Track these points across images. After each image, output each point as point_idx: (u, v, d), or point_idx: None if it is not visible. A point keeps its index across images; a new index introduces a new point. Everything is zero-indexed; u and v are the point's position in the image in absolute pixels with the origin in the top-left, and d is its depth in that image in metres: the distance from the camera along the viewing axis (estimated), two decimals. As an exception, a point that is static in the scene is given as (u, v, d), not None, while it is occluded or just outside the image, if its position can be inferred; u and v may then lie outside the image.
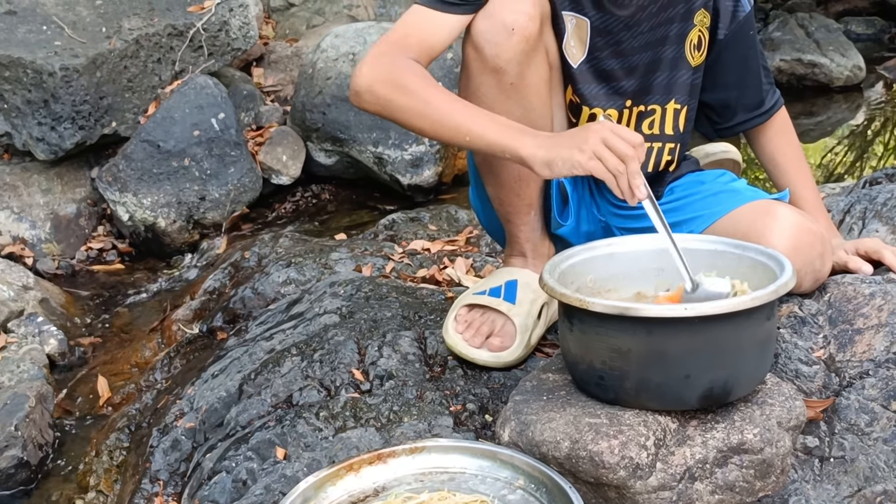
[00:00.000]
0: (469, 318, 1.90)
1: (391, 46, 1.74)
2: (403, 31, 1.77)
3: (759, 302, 1.45)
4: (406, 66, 1.70)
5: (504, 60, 1.73)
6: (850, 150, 5.17)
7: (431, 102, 1.67)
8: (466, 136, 1.65)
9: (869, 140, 5.34)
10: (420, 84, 1.69)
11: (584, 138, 1.55)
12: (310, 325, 2.13)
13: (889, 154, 5.09)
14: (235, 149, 3.77)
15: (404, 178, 3.90)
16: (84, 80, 3.61)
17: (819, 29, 6.09)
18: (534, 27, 1.74)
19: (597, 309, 1.45)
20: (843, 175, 4.71)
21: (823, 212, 2.06)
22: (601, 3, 1.82)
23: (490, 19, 1.73)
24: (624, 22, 1.84)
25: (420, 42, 1.74)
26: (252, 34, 4.16)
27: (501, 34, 1.72)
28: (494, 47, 1.73)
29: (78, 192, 3.81)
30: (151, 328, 2.96)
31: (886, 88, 6.24)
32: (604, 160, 1.54)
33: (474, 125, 1.65)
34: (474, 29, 1.74)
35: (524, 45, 1.73)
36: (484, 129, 1.64)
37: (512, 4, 1.73)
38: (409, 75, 1.69)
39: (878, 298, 1.78)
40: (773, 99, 2.02)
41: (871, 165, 4.89)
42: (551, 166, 1.57)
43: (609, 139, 1.54)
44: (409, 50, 1.72)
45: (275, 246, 2.97)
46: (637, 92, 1.91)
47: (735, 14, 1.91)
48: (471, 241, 2.93)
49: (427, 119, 1.68)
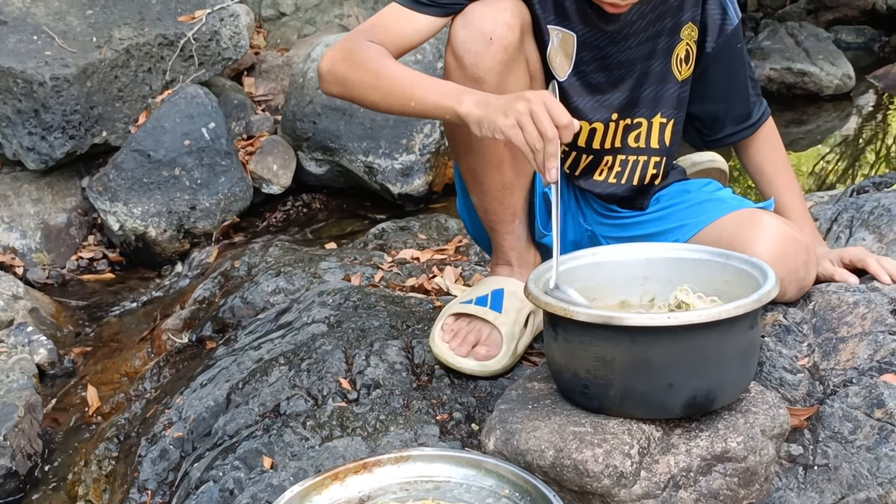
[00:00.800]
0: (456, 328, 1.91)
1: (358, 33, 1.78)
2: (374, 22, 1.81)
3: (742, 311, 1.45)
4: (364, 45, 1.74)
5: (483, 69, 1.74)
6: (839, 159, 5.20)
7: (382, 74, 1.70)
8: (411, 101, 1.67)
9: (858, 148, 5.37)
10: (373, 59, 1.71)
11: (512, 105, 1.53)
12: (298, 334, 2.14)
13: (879, 162, 5.12)
14: (226, 158, 3.77)
15: (394, 188, 3.91)
16: (74, 90, 3.62)
17: (809, 38, 6.12)
18: (513, 36, 1.75)
19: (581, 318, 1.45)
20: (834, 183, 4.73)
21: (809, 221, 2.07)
22: (588, 17, 1.83)
23: (469, 28, 1.74)
24: (611, 37, 1.85)
25: (386, 32, 1.77)
26: (243, 44, 4.17)
27: (480, 43, 1.73)
28: (474, 56, 1.74)
29: (68, 202, 3.82)
30: (141, 337, 2.97)
31: (876, 97, 6.27)
32: (525, 131, 1.52)
33: (418, 90, 1.66)
34: (454, 38, 1.76)
35: (503, 54, 1.74)
36: (426, 92, 1.65)
37: (491, 14, 1.74)
38: (364, 52, 1.72)
39: (861, 307, 1.79)
40: (760, 110, 2.03)
41: (862, 173, 4.92)
42: (481, 125, 1.57)
43: (537, 112, 1.51)
44: (373, 36, 1.76)
45: (265, 255, 2.98)
46: (624, 105, 1.92)
47: (723, 27, 1.92)
48: (460, 250, 2.94)
49: (378, 91, 1.71)
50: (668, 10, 1.86)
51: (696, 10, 1.89)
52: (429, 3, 1.77)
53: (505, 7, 1.76)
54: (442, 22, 1.80)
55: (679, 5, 1.87)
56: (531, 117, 1.52)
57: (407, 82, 1.68)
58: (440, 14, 1.78)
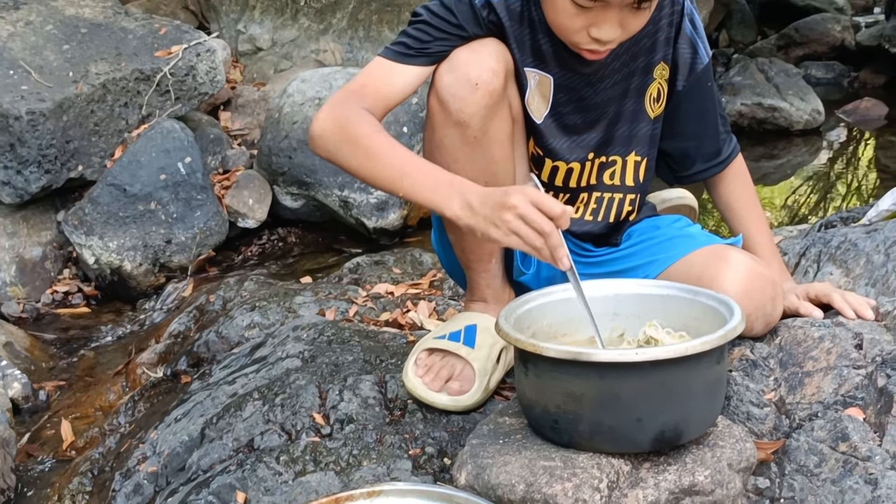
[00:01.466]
0: (429, 363, 1.93)
1: (349, 95, 1.78)
2: (362, 80, 1.81)
3: (709, 346, 1.48)
4: (357, 116, 1.74)
5: (467, 115, 1.77)
6: (810, 193, 5.26)
7: (373, 154, 1.70)
8: (400, 190, 1.68)
9: (828, 183, 5.43)
10: (365, 135, 1.72)
11: (500, 216, 1.53)
12: (272, 369, 2.15)
13: (851, 196, 5.18)
14: (202, 192, 3.79)
15: (370, 222, 3.93)
16: (50, 125, 3.63)
17: (779, 74, 6.21)
18: (498, 82, 1.77)
19: (550, 354, 1.48)
20: (807, 216, 4.79)
21: (777, 256, 2.11)
22: (565, 61, 1.86)
23: (454, 73, 1.77)
24: (587, 79, 1.88)
25: (376, 92, 1.78)
26: (219, 79, 4.19)
27: (465, 89, 1.76)
28: (458, 101, 1.76)
29: (44, 236, 3.82)
30: (116, 371, 2.97)
31: (846, 132, 6.35)
32: (522, 236, 1.53)
33: (407, 180, 1.66)
34: (439, 83, 1.78)
35: (488, 99, 1.77)
36: (415, 185, 1.65)
37: (476, 60, 1.77)
38: (357, 126, 1.72)
39: (826, 342, 1.82)
40: (729, 148, 2.07)
41: (835, 205, 4.98)
42: (474, 233, 1.58)
43: (527, 215, 1.51)
44: (364, 100, 1.76)
45: (240, 289, 2.99)
46: (599, 144, 1.95)
47: (693, 66, 1.96)
48: (434, 285, 2.96)
49: (367, 170, 1.71)
50: (640, 51, 1.90)
51: (667, 50, 1.93)
52: (416, 54, 1.79)
53: (489, 53, 1.79)
54: (430, 70, 1.82)
55: (652, 45, 1.91)
56: (523, 221, 1.52)
57: (397, 169, 1.68)
58: (428, 63, 1.80)
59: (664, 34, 1.91)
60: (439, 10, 1.80)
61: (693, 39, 1.94)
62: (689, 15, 1.93)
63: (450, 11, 1.79)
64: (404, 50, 1.81)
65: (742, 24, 8.36)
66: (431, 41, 1.79)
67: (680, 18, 1.92)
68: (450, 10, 1.79)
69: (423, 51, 1.79)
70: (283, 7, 5.18)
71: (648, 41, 1.90)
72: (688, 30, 1.93)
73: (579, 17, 1.70)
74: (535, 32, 1.85)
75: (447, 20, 1.79)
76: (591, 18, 1.70)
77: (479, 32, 1.81)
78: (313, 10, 5.18)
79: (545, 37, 1.85)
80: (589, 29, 1.71)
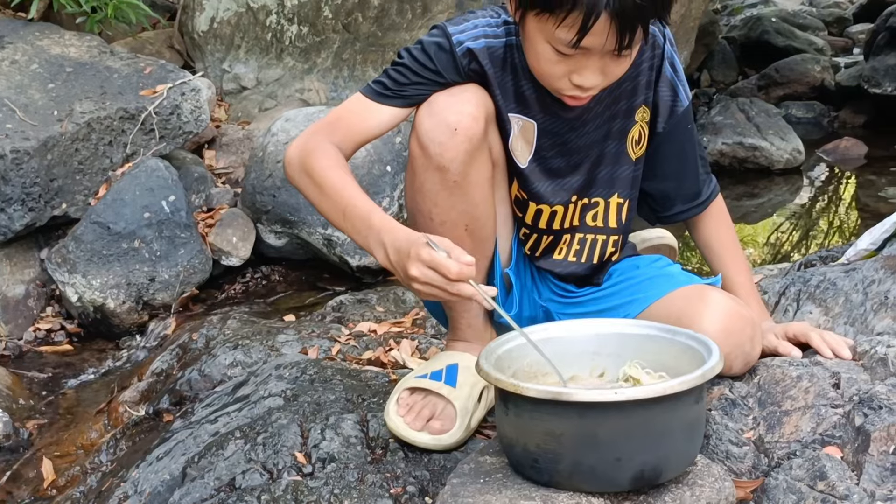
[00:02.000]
0: (410, 401, 1.94)
1: (322, 128, 1.83)
2: (338, 114, 1.85)
3: (687, 386, 1.50)
4: (319, 149, 1.78)
5: (447, 159, 1.79)
6: (791, 232, 5.30)
7: (323, 190, 1.75)
8: (344, 231, 1.73)
9: (809, 221, 5.48)
10: (321, 168, 1.76)
11: (409, 284, 1.59)
12: (254, 407, 2.16)
13: (832, 234, 5.22)
14: (185, 230, 3.80)
15: (353, 260, 3.94)
16: (35, 163, 3.64)
17: (759, 114, 6.26)
18: (477, 127, 1.80)
19: (530, 393, 1.49)
20: (790, 253, 4.82)
21: (756, 296, 2.13)
22: (548, 106, 1.89)
23: (434, 118, 1.79)
24: (570, 124, 1.91)
25: (349, 127, 1.82)
26: (204, 118, 4.21)
27: (445, 133, 1.78)
28: (438, 146, 1.79)
29: (27, 273, 3.82)
30: (98, 410, 2.96)
31: (826, 171, 6.41)
32: (437, 297, 1.59)
33: (347, 224, 1.71)
34: (419, 127, 1.81)
35: (467, 144, 1.79)
36: (352, 231, 1.70)
37: (456, 105, 1.80)
38: (316, 159, 1.77)
39: (804, 381, 1.84)
40: (709, 189, 2.10)
41: (817, 242, 5.01)
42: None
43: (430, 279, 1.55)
44: (335, 134, 1.80)
45: (223, 328, 3.00)
46: (582, 186, 1.98)
47: (673, 109, 1.99)
48: (417, 323, 2.97)
49: (319, 205, 1.77)
50: (622, 94, 1.93)
51: (648, 93, 1.96)
52: (392, 95, 1.83)
53: (469, 98, 1.81)
54: (405, 112, 1.85)
55: (633, 89, 1.94)
56: (430, 283, 1.56)
57: (340, 210, 1.72)
58: (404, 105, 1.83)
59: (645, 77, 1.94)
60: (419, 55, 1.83)
61: (673, 82, 1.97)
62: (670, 58, 1.96)
63: (429, 57, 1.82)
64: (382, 90, 1.84)
65: (723, 65, 8.45)
66: (408, 84, 1.82)
67: (660, 62, 1.95)
68: (429, 56, 1.82)
69: (400, 93, 1.82)
70: (268, 47, 5.22)
71: (630, 84, 1.93)
72: (668, 73, 1.96)
73: (561, 63, 1.73)
74: (518, 78, 1.88)
75: (425, 65, 1.82)
76: (573, 65, 1.72)
77: (458, 80, 1.84)
78: (298, 49, 5.22)
79: (528, 83, 1.87)
80: (571, 76, 1.74)
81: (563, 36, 1.66)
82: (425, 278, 1.55)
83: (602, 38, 1.65)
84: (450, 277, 1.54)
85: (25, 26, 4.29)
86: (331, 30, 5.20)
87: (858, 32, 9.98)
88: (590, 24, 1.62)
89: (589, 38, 1.65)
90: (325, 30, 5.20)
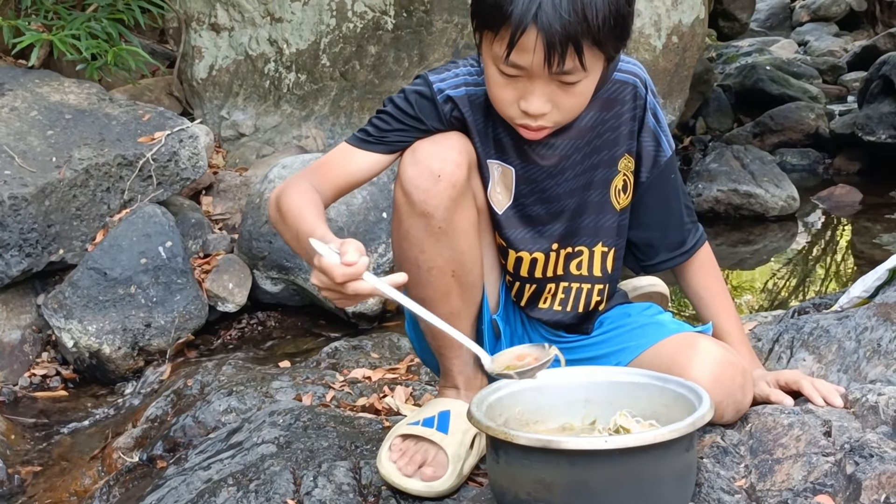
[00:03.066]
0: (403, 448, 1.94)
1: (304, 173, 1.89)
2: (324, 160, 1.91)
3: (678, 434, 1.51)
4: (295, 189, 1.81)
5: (432, 206, 1.81)
6: (786, 279, 5.31)
7: (286, 220, 1.78)
8: (302, 257, 1.76)
9: (805, 268, 5.49)
10: (288, 201, 1.78)
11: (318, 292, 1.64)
12: (248, 454, 2.16)
13: (828, 281, 5.24)
14: (182, 276, 3.81)
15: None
16: (32, 209, 3.66)
17: (754, 161, 6.29)
18: (461, 174, 1.82)
19: (521, 441, 1.50)
20: (786, 301, 4.83)
21: (746, 344, 2.14)
22: (525, 153, 1.92)
23: (418, 166, 1.82)
24: (548, 171, 1.94)
25: (330, 172, 1.86)
26: (201, 164, 4.24)
27: (429, 181, 1.81)
28: (422, 193, 1.81)
29: (23, 319, 3.82)
30: (92, 456, 2.95)
31: (821, 218, 6.43)
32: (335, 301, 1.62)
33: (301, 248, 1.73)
34: (403, 175, 1.83)
35: (451, 191, 1.82)
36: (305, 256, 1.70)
37: (439, 152, 1.82)
38: (292, 198, 1.79)
39: (796, 429, 1.84)
40: (695, 237, 2.11)
41: (814, 289, 5.02)
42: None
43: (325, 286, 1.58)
44: (315, 177, 1.84)
45: (217, 374, 3.00)
46: (564, 235, 2.00)
47: (657, 159, 2.01)
48: (411, 370, 2.98)
49: (284, 236, 1.81)
50: (603, 144, 1.95)
51: (631, 143, 1.99)
52: (374, 141, 1.86)
53: (453, 145, 1.84)
54: (389, 159, 1.88)
55: (615, 139, 1.96)
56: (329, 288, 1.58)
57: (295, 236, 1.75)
58: (385, 151, 1.87)
59: (627, 128, 1.97)
60: (401, 103, 1.88)
61: (656, 133, 2.00)
62: (652, 109, 1.98)
63: (410, 105, 1.87)
64: (365, 136, 1.89)
65: (718, 112, 8.50)
66: (390, 131, 1.86)
67: (643, 112, 1.98)
68: (410, 104, 1.87)
69: (382, 139, 1.86)
70: (266, 94, 5.26)
71: (612, 135, 1.95)
72: (651, 123, 1.98)
73: (508, 87, 1.75)
74: (496, 125, 1.91)
75: (407, 112, 1.86)
76: (520, 90, 1.75)
77: (439, 127, 1.87)
78: (296, 97, 5.26)
79: (505, 129, 1.90)
80: (519, 102, 1.76)
81: (497, 51, 1.71)
82: (323, 285, 1.58)
83: (530, 54, 1.67)
84: (337, 281, 1.55)
85: (25, 74, 4.33)
86: (328, 77, 5.25)
87: (852, 80, 10.04)
88: (517, 37, 1.65)
89: (518, 52, 1.67)
90: (323, 77, 5.25)
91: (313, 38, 5.21)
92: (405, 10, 5.21)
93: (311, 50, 5.22)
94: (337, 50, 5.21)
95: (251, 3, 5.18)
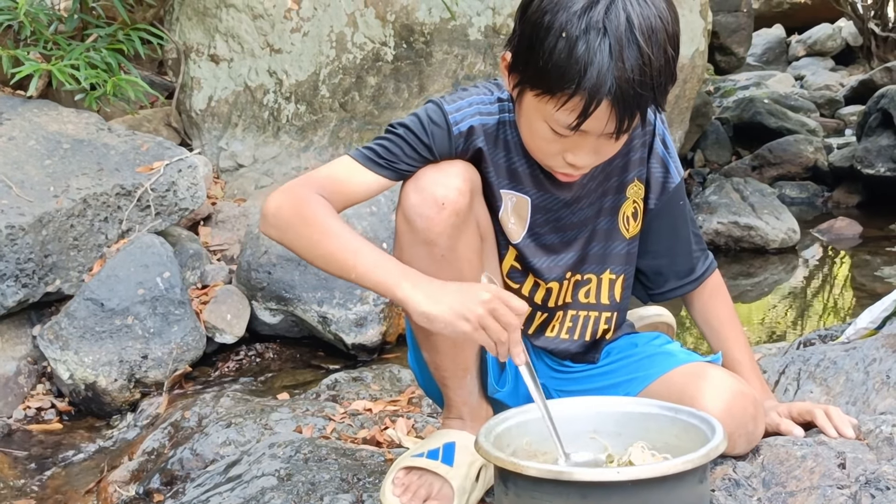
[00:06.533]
0: (407, 481, 1.90)
1: (307, 180, 1.81)
2: (325, 173, 1.84)
3: (691, 465, 1.47)
4: (314, 198, 1.76)
5: (435, 234, 1.78)
6: (787, 311, 5.29)
7: (327, 235, 1.72)
8: (353, 272, 1.69)
9: (806, 300, 5.47)
10: (320, 216, 1.74)
11: (470, 308, 1.58)
12: (247, 487, 2.12)
13: (828, 314, 5.22)
14: (179, 307, 3.77)
15: (348, 338, 3.92)
16: (29, 239, 3.63)
17: (754, 193, 6.29)
18: (464, 202, 1.79)
19: (531, 472, 1.46)
20: (785, 332, 4.80)
21: (757, 373, 2.11)
22: (541, 183, 1.89)
23: (421, 194, 1.78)
24: (564, 201, 1.91)
25: (334, 186, 1.81)
26: (200, 195, 4.21)
27: (432, 209, 1.77)
28: (425, 221, 1.78)
29: (18, 350, 3.78)
30: (87, 490, 2.91)
31: (821, 250, 6.42)
32: (488, 331, 1.57)
33: (360, 264, 1.68)
34: (405, 202, 1.80)
35: (454, 219, 1.78)
36: (368, 268, 1.67)
37: (443, 180, 1.79)
38: (313, 207, 1.75)
39: (809, 461, 1.81)
40: (704, 265, 2.09)
41: (812, 323, 5.00)
42: (431, 322, 1.60)
43: (497, 310, 1.57)
44: (321, 189, 1.79)
45: (216, 406, 2.96)
46: (575, 263, 1.97)
47: (665, 185, 1.99)
48: (413, 402, 2.94)
49: (319, 251, 1.73)
50: (613, 171, 1.93)
51: (641, 169, 1.96)
52: (385, 165, 1.82)
53: (456, 172, 1.81)
54: (392, 183, 1.84)
55: (624, 165, 1.94)
56: (493, 316, 1.57)
57: (351, 252, 1.70)
58: (392, 177, 1.83)
59: (637, 154, 1.95)
60: (416, 129, 1.82)
61: (665, 159, 1.98)
62: (661, 135, 1.97)
63: (425, 132, 1.82)
64: (374, 157, 1.83)
65: (717, 145, 8.51)
66: (402, 157, 1.81)
67: (652, 138, 1.96)
68: (426, 132, 1.82)
69: (392, 164, 1.82)
70: (265, 125, 5.25)
71: (622, 161, 1.93)
72: (659, 150, 1.97)
73: (556, 143, 1.73)
74: (511, 154, 1.88)
75: (421, 140, 1.82)
76: (568, 145, 1.73)
77: (448, 156, 1.83)
78: (295, 127, 5.25)
79: (520, 158, 1.88)
80: (564, 154, 1.74)
81: (562, 119, 1.67)
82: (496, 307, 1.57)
83: (602, 122, 1.66)
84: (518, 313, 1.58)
85: (24, 103, 4.31)
86: (327, 108, 5.24)
87: (850, 114, 10.07)
88: (591, 109, 1.63)
89: (589, 122, 1.65)
90: (322, 108, 5.24)
91: (313, 69, 5.21)
92: (405, 42, 5.21)
93: (310, 81, 5.21)
94: (336, 81, 5.21)
95: (250, 35, 5.17)
